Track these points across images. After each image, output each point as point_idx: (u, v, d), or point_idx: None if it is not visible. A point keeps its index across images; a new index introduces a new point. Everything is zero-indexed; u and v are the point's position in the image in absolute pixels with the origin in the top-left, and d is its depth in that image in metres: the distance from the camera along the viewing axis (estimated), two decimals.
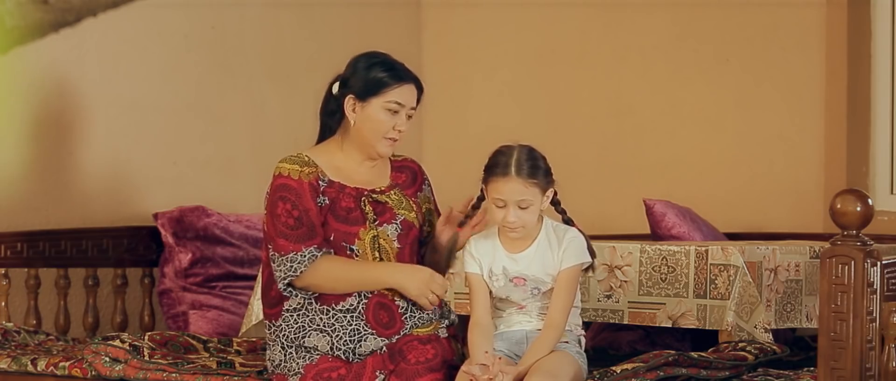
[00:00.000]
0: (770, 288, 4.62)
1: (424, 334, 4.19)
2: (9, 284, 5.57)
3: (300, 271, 4.09)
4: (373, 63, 4.21)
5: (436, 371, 4.08)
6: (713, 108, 6.39)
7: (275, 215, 4.12)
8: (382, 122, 4.17)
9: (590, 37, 6.65)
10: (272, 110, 6.49)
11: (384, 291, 4.18)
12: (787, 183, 6.21)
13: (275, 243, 4.12)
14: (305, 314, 4.17)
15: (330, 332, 4.15)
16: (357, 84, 4.18)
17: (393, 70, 4.19)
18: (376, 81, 4.16)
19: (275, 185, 4.16)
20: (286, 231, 4.11)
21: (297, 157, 4.21)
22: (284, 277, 4.11)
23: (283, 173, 4.17)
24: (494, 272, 4.12)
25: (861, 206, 3.88)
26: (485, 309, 4.13)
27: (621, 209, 6.25)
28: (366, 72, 4.19)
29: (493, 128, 6.60)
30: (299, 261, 4.09)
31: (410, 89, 4.19)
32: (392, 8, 6.91)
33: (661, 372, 4.16)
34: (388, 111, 4.17)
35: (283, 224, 4.11)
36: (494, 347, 4.08)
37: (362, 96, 4.18)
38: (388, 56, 4.25)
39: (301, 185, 4.14)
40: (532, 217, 4.04)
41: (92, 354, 4.72)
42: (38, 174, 5.77)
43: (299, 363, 4.16)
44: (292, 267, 4.10)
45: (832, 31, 6.11)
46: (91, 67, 5.91)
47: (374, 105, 4.17)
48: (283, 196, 4.13)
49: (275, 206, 4.13)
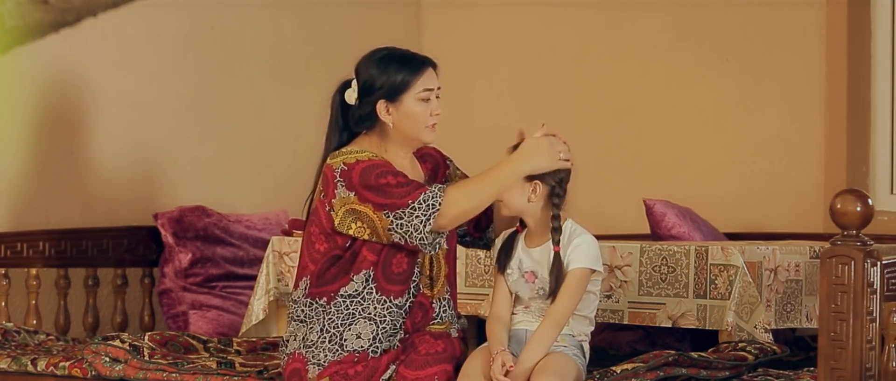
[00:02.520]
0: (770, 288, 4.62)
1: (437, 331, 4.25)
2: (9, 284, 5.57)
3: (437, 205, 4.07)
4: (387, 63, 4.22)
5: (444, 363, 4.14)
6: (713, 108, 6.39)
7: (381, 184, 4.10)
8: (420, 113, 4.20)
9: (590, 37, 6.65)
10: (272, 110, 6.49)
11: (425, 292, 4.25)
12: (787, 183, 6.21)
13: (394, 204, 4.08)
14: (360, 302, 4.18)
15: (379, 321, 4.18)
16: (382, 88, 4.19)
17: (409, 62, 4.22)
18: (401, 79, 4.19)
19: (358, 170, 4.13)
20: (401, 190, 4.09)
21: (356, 151, 4.19)
22: (425, 219, 4.07)
23: (361, 159, 4.15)
24: (511, 265, 4.18)
25: (861, 206, 3.88)
26: (505, 304, 4.20)
27: (621, 209, 6.24)
28: (385, 74, 4.20)
29: (493, 128, 6.60)
30: (433, 197, 4.07)
31: (430, 72, 4.24)
32: (392, 8, 6.91)
33: (661, 372, 4.16)
34: (422, 101, 4.20)
35: (396, 186, 4.10)
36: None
37: (392, 97, 4.19)
38: (393, 50, 4.27)
39: (384, 161, 4.16)
40: (510, 195, 4.11)
41: (92, 354, 4.72)
42: (38, 174, 5.77)
43: (327, 356, 4.17)
44: (429, 204, 4.07)
45: (832, 31, 6.11)
46: (91, 67, 5.91)
47: (406, 101, 4.19)
48: (380, 172, 4.12)
49: (377, 181, 4.10)
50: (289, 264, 5.19)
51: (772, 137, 6.25)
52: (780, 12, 6.23)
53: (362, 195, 4.12)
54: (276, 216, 6.21)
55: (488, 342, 4.14)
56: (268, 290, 5.25)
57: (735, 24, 6.32)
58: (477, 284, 4.90)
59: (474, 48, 6.89)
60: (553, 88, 6.71)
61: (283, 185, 6.43)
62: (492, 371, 4.03)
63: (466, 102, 6.86)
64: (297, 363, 4.20)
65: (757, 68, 6.29)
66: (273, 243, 5.28)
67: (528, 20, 6.79)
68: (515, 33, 6.81)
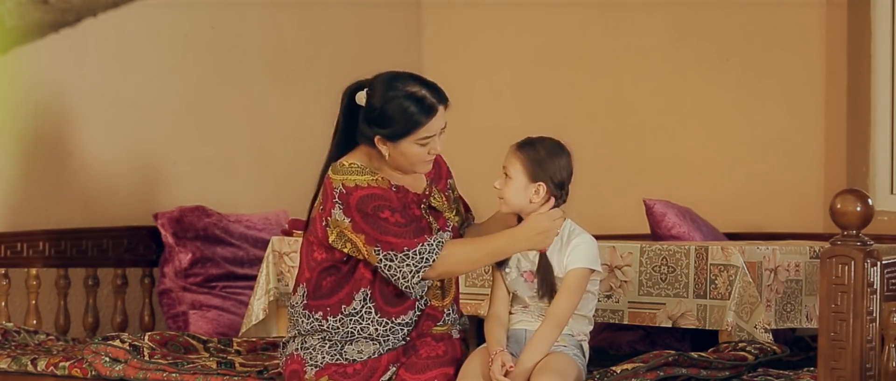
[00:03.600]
0: (770, 288, 4.62)
1: (438, 332, 4.24)
2: (9, 284, 5.57)
3: (432, 259, 4.06)
4: (399, 103, 4.10)
5: (445, 366, 4.13)
6: (713, 108, 6.39)
7: (379, 219, 4.06)
8: (416, 154, 4.15)
9: (590, 37, 6.65)
10: (272, 110, 6.49)
11: (436, 303, 4.22)
12: (787, 183, 6.21)
13: (389, 243, 4.04)
14: (359, 321, 4.16)
15: (381, 341, 4.17)
16: (385, 128, 4.11)
17: (423, 104, 4.10)
18: (405, 126, 4.09)
19: (356, 197, 4.08)
20: (399, 230, 4.06)
21: (355, 167, 4.14)
22: (415, 270, 4.05)
23: (360, 185, 4.10)
24: (509, 264, 4.17)
25: (861, 206, 3.88)
26: (503, 304, 4.19)
27: (621, 209, 6.25)
28: (393, 114, 4.09)
29: (493, 128, 6.60)
30: (429, 251, 4.06)
31: (441, 115, 4.14)
32: (392, 8, 6.91)
33: (661, 372, 4.16)
34: (421, 145, 4.14)
35: (394, 225, 4.06)
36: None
37: (392, 139, 4.12)
38: (412, 85, 4.13)
39: (384, 190, 4.10)
40: (511, 193, 4.10)
41: (92, 354, 4.72)
42: (38, 174, 5.77)
43: (324, 358, 4.17)
44: (422, 258, 4.05)
45: (832, 31, 6.11)
46: (91, 67, 5.91)
47: (404, 144, 4.13)
48: (379, 205, 4.07)
49: (375, 214, 4.06)
50: (289, 265, 5.19)
51: (772, 137, 6.25)
52: (780, 12, 6.22)
53: (357, 225, 4.08)
54: (276, 216, 6.21)
55: (487, 342, 4.14)
56: (268, 290, 5.25)
57: (735, 24, 6.32)
58: (477, 284, 4.90)
59: (474, 48, 6.89)
60: (553, 88, 6.71)
61: (283, 185, 6.43)
62: (491, 372, 4.03)
63: (466, 102, 6.85)
64: (295, 365, 4.20)
65: (757, 68, 6.28)
66: (273, 243, 5.28)
67: (528, 20, 6.79)
68: (515, 33, 6.81)
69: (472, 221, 4.43)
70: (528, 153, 4.11)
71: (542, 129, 6.47)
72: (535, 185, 4.10)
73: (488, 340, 4.13)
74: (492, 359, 4.04)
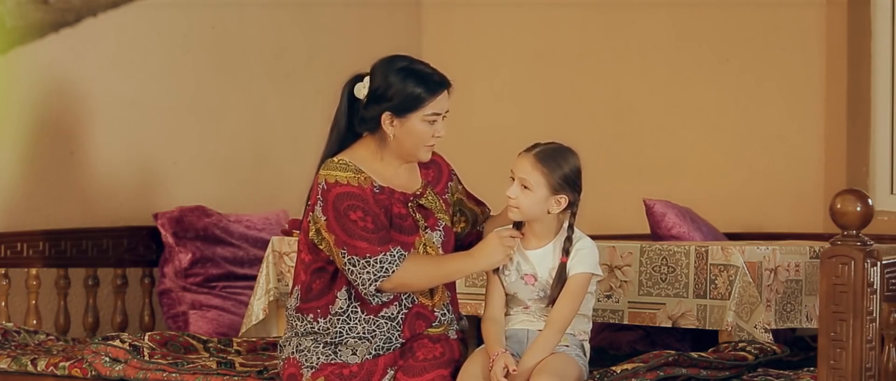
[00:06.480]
0: (770, 288, 4.62)
1: (435, 334, 4.23)
2: (9, 284, 5.57)
3: (392, 270, 4.06)
4: (406, 76, 4.15)
5: (442, 368, 4.12)
6: (713, 108, 6.39)
7: (349, 220, 4.07)
8: (423, 133, 4.17)
9: (590, 37, 6.65)
10: (272, 110, 6.49)
11: (424, 301, 4.20)
12: (787, 183, 6.21)
13: (354, 247, 4.06)
14: (346, 321, 4.17)
15: (369, 338, 4.16)
16: (393, 101, 4.14)
17: (427, 82, 4.16)
18: (414, 97, 4.13)
19: (334, 194, 4.10)
20: (367, 235, 4.07)
21: (343, 163, 4.16)
22: (374, 278, 4.07)
23: (340, 182, 4.12)
24: (508, 266, 4.16)
25: (861, 206, 3.88)
26: (499, 306, 4.17)
27: (621, 209, 6.25)
28: (401, 86, 4.14)
29: (493, 128, 6.60)
30: (389, 262, 4.07)
31: (444, 95, 4.19)
32: (392, 8, 6.91)
33: (661, 372, 4.16)
34: (428, 123, 4.16)
35: (362, 229, 4.07)
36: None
37: (400, 113, 4.15)
38: (417, 64, 4.20)
39: (363, 190, 4.12)
40: (530, 204, 4.07)
41: (92, 354, 4.72)
42: (38, 174, 5.77)
43: (320, 359, 4.17)
44: (382, 268, 4.06)
45: (832, 31, 6.11)
46: (91, 67, 5.91)
47: (412, 120, 4.15)
48: (352, 205, 4.09)
49: (346, 214, 4.08)
50: (289, 265, 5.19)
51: (772, 137, 6.25)
52: (780, 12, 6.23)
53: (330, 224, 4.10)
54: (276, 216, 6.21)
55: (486, 343, 4.13)
56: (268, 290, 5.25)
57: (735, 24, 6.32)
58: (477, 284, 4.90)
59: (474, 48, 6.89)
60: (553, 88, 6.71)
61: (283, 185, 6.43)
62: (492, 373, 4.02)
63: (466, 102, 6.85)
64: (292, 368, 4.21)
65: (757, 68, 6.29)
66: (273, 243, 5.28)
67: (528, 20, 6.79)
68: (515, 33, 6.81)
69: (488, 213, 4.44)
70: (550, 166, 4.07)
71: (542, 128, 6.48)
72: (557, 197, 4.09)
73: (488, 341, 4.12)
74: (493, 361, 4.03)
